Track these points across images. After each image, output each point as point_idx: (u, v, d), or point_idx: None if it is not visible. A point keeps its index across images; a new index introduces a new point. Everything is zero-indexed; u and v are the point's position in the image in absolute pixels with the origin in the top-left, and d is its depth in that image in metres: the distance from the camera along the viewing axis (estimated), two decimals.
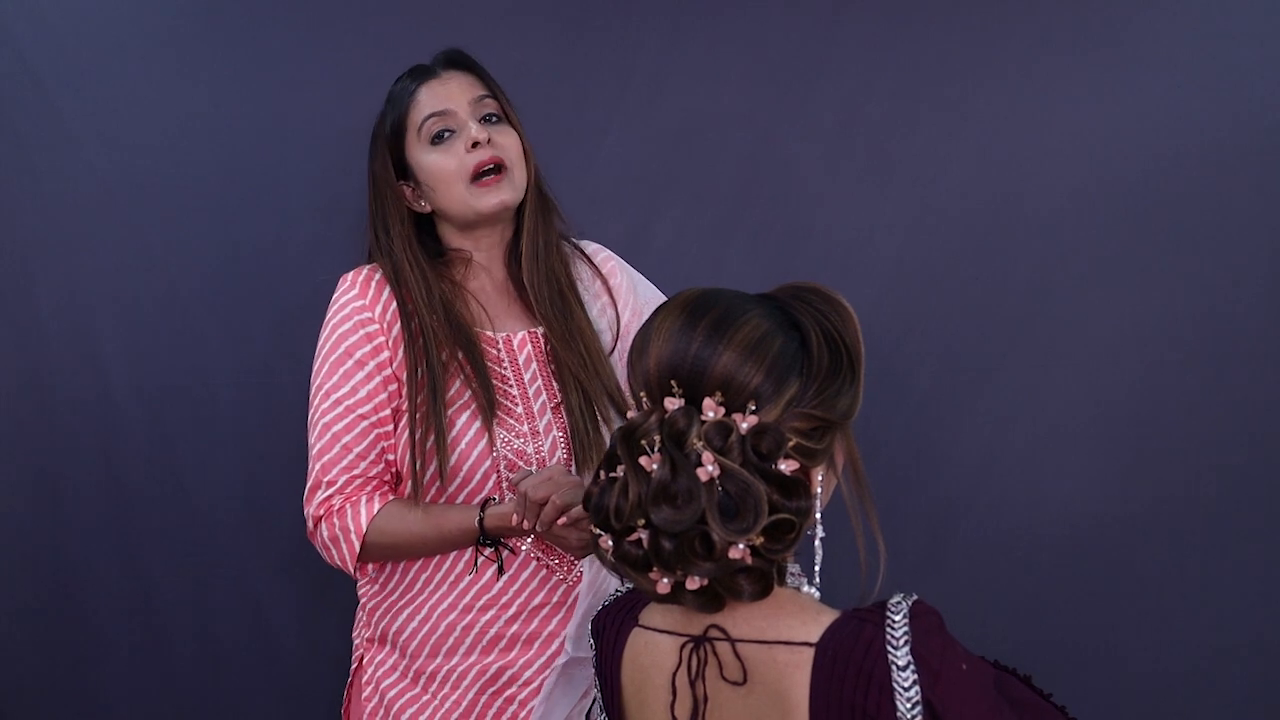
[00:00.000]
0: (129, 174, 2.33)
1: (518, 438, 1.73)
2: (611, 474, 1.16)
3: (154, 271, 2.33)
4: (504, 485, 1.74)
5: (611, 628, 1.30)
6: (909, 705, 1.09)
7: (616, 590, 1.34)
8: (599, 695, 1.33)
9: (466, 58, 1.82)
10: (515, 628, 1.73)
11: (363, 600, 1.86)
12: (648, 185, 2.36)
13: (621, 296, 1.88)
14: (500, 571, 1.72)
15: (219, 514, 2.33)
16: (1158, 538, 2.35)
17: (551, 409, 1.77)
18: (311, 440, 1.75)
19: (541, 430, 1.75)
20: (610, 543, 1.17)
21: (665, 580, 1.15)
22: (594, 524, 1.18)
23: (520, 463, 1.74)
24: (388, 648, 1.80)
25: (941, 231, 2.37)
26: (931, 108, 2.37)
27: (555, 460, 1.75)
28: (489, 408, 1.71)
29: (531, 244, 1.79)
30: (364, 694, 1.81)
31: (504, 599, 1.73)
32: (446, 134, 1.76)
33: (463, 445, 1.72)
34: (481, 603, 1.73)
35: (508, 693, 1.73)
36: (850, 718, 1.11)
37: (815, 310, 1.20)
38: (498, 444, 1.72)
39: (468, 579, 1.74)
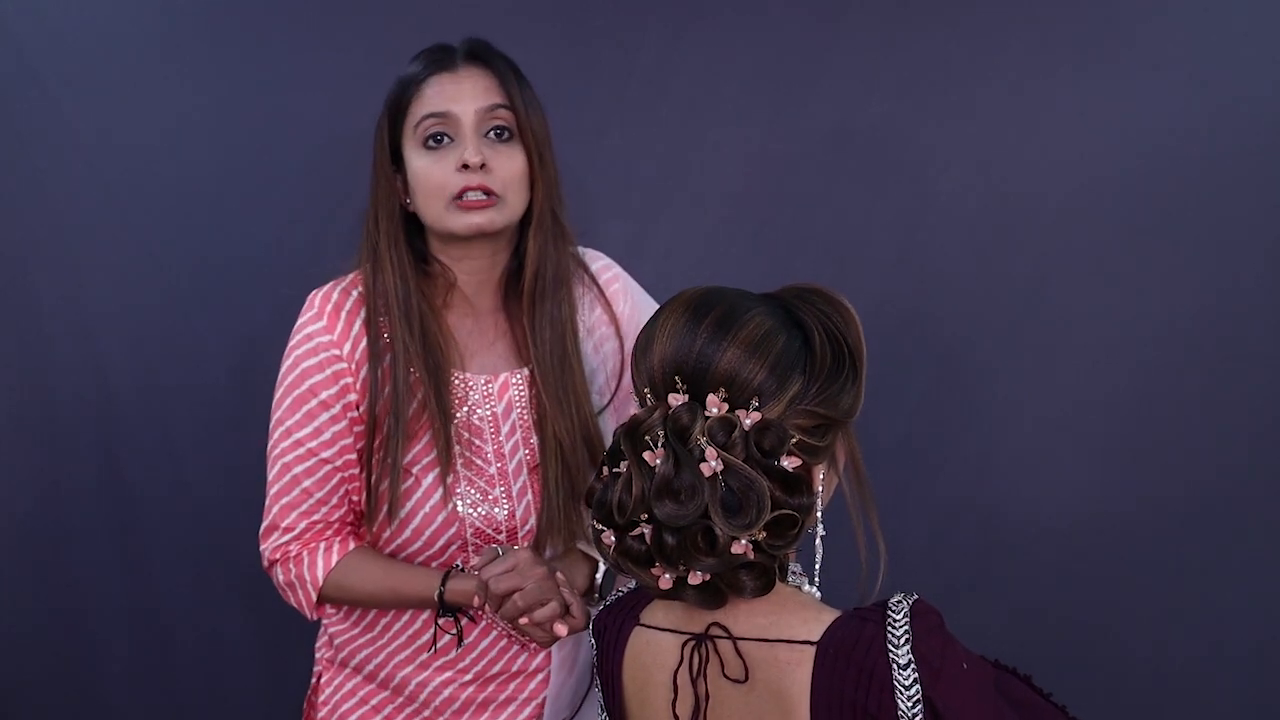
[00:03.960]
0: (129, 174, 2.33)
1: (486, 501, 1.59)
2: (615, 469, 1.17)
3: (154, 271, 2.33)
4: (469, 549, 1.61)
5: (613, 627, 1.30)
6: (910, 703, 1.10)
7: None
8: (599, 695, 1.33)
9: (491, 53, 1.63)
10: (470, 691, 1.64)
11: (326, 623, 1.73)
12: (647, 185, 2.36)
13: (625, 326, 1.69)
14: (459, 643, 1.60)
15: (219, 513, 2.33)
16: (1157, 537, 2.35)
17: (529, 470, 1.61)
18: (270, 476, 1.61)
19: (515, 494, 1.60)
20: (613, 538, 1.17)
21: (667, 576, 1.15)
22: (596, 519, 1.18)
23: (489, 530, 1.59)
24: (348, 671, 1.70)
25: (941, 231, 2.37)
26: (931, 108, 2.37)
27: (528, 528, 1.61)
28: (446, 464, 1.56)
29: (537, 279, 1.60)
30: (319, 714, 1.72)
31: (461, 664, 1.63)
32: (444, 139, 1.57)
33: (426, 509, 1.58)
34: (438, 663, 1.64)
35: None
36: (851, 716, 1.12)
37: (818, 310, 1.20)
38: (462, 507, 1.58)
39: (426, 638, 1.63)
